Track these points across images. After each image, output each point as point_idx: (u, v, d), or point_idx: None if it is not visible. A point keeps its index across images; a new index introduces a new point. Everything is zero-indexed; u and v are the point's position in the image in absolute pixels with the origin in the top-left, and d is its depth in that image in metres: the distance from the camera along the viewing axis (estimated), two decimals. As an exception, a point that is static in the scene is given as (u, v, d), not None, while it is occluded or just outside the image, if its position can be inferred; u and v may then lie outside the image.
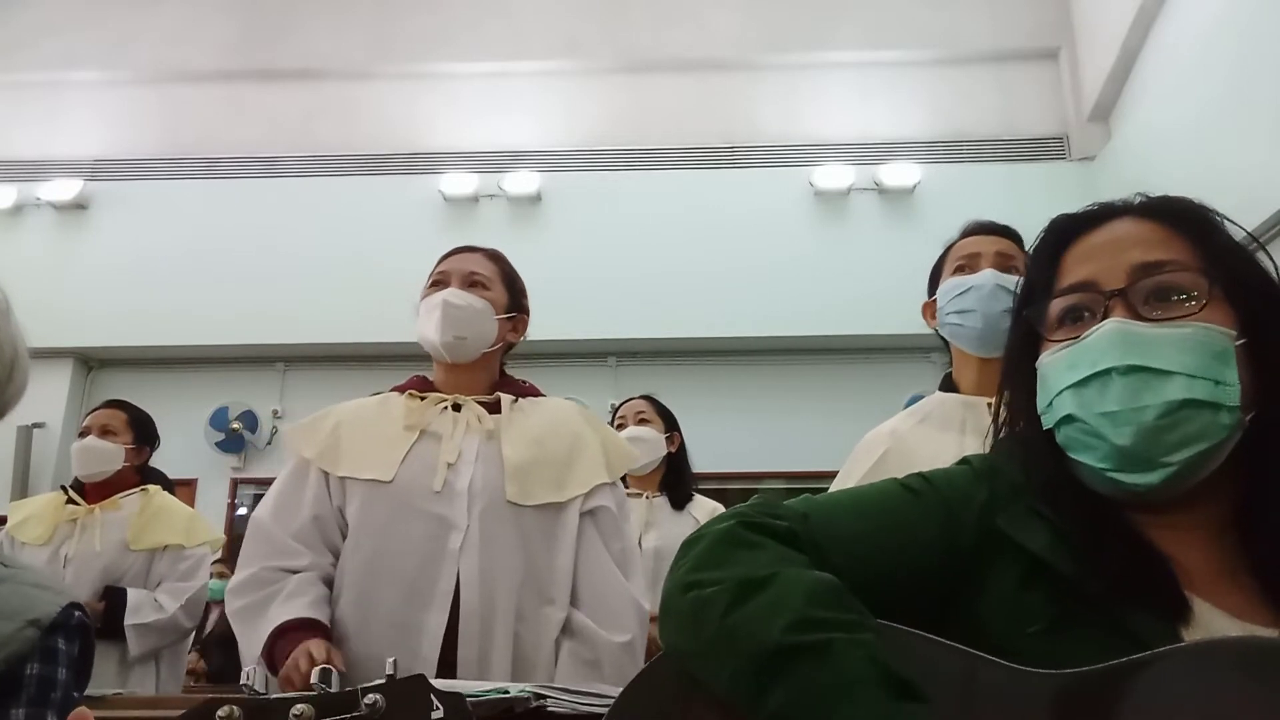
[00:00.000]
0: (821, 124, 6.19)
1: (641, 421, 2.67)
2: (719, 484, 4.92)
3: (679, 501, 2.63)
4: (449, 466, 1.50)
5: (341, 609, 1.45)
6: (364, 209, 5.94)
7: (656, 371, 5.57)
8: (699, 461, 2.83)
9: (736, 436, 5.29)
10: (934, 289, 1.59)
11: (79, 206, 6.08)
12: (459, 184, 5.97)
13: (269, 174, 6.21)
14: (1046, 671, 0.63)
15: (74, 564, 2.53)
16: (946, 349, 1.59)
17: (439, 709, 0.59)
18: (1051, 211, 0.85)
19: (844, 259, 5.69)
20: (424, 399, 1.60)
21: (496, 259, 1.71)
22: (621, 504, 1.63)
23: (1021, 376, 0.81)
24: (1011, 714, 0.62)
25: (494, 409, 1.60)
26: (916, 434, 1.48)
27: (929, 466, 0.82)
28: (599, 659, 1.44)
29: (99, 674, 2.35)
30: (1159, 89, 5.18)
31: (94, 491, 2.67)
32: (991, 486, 0.77)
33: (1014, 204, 2.46)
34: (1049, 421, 0.76)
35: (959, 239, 1.59)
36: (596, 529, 1.55)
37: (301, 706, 0.57)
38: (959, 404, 1.49)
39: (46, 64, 6.43)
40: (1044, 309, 0.79)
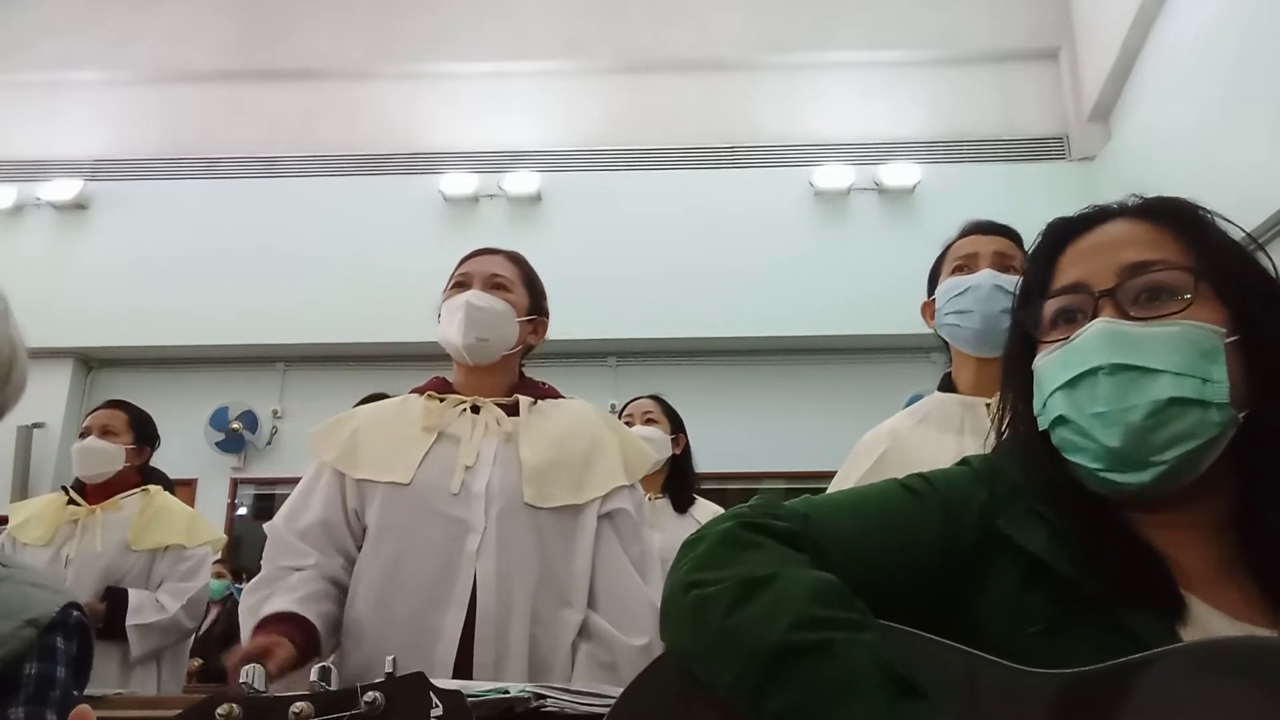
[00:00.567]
0: (821, 124, 6.19)
1: (648, 421, 2.65)
2: (719, 484, 4.92)
3: (681, 505, 2.61)
4: (467, 469, 1.50)
5: (359, 611, 1.45)
6: (364, 209, 5.94)
7: (656, 371, 5.58)
8: (699, 461, 2.82)
9: (736, 436, 5.29)
10: (933, 289, 1.59)
11: (79, 206, 6.08)
12: (459, 184, 5.98)
13: (269, 174, 6.22)
14: (1046, 671, 0.63)
15: (75, 565, 2.53)
16: (946, 349, 1.59)
17: (438, 707, 0.59)
18: (1052, 211, 0.85)
19: (844, 259, 5.69)
20: (443, 401, 1.60)
21: (518, 261, 1.70)
22: (640, 507, 1.62)
23: (1019, 378, 0.81)
24: (1011, 714, 0.63)
25: (512, 411, 1.60)
26: (916, 434, 1.48)
27: (928, 467, 0.82)
28: (616, 662, 1.44)
29: (100, 674, 2.36)
30: (1159, 89, 5.19)
31: (95, 492, 2.67)
32: (991, 487, 0.77)
33: (1014, 204, 2.46)
34: (1044, 423, 0.76)
35: (957, 239, 1.59)
36: (615, 532, 1.55)
37: (300, 704, 0.57)
38: (958, 404, 1.49)
39: (46, 64, 6.43)
40: (1039, 311, 0.79)
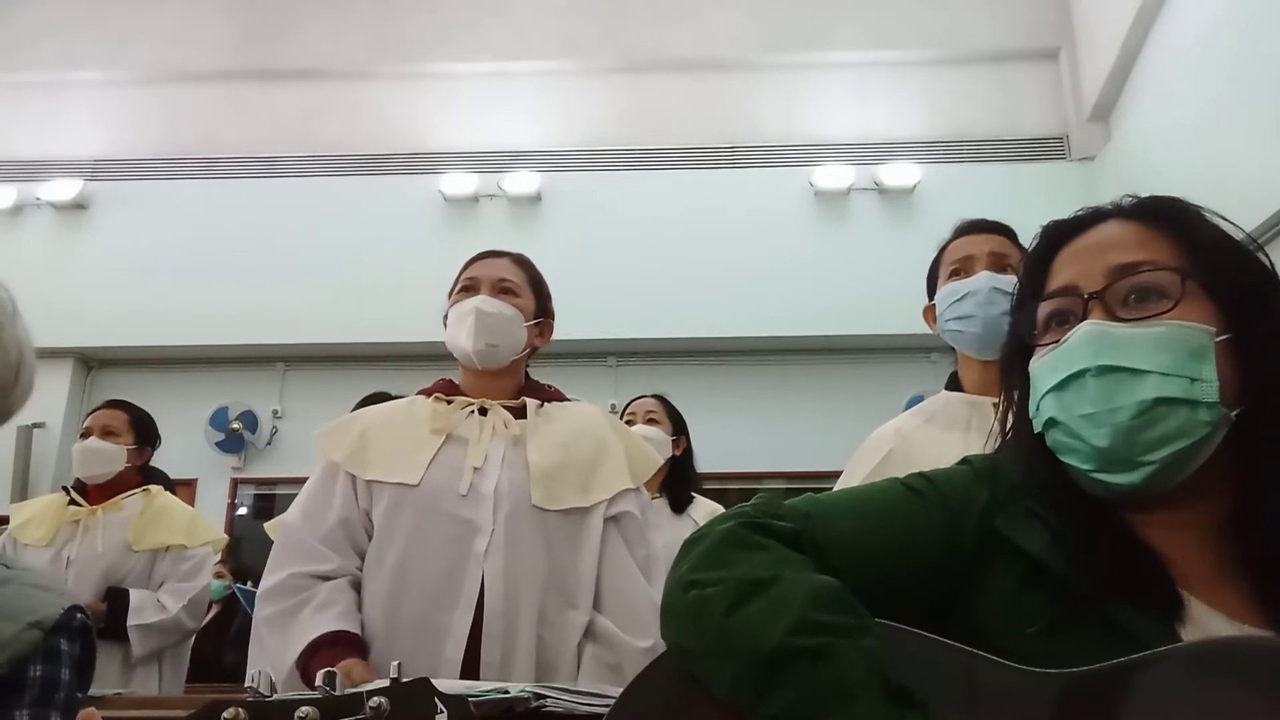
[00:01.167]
0: (821, 124, 6.18)
1: (650, 421, 2.65)
2: (719, 484, 4.91)
3: (679, 505, 2.61)
4: (475, 471, 1.50)
5: (366, 611, 1.45)
6: (364, 209, 5.94)
7: (656, 371, 5.57)
8: (699, 461, 2.82)
9: (737, 436, 5.28)
10: (932, 292, 1.58)
11: (79, 206, 6.07)
12: (459, 184, 5.97)
13: (269, 174, 6.21)
14: (1047, 671, 0.63)
15: (76, 565, 2.53)
16: (951, 349, 1.59)
17: (443, 712, 0.59)
18: (1051, 211, 0.85)
19: (844, 259, 5.68)
20: (450, 403, 1.60)
21: (524, 264, 1.71)
22: (645, 509, 1.63)
23: (1017, 380, 0.82)
24: (1012, 713, 0.63)
25: (519, 413, 1.60)
26: (921, 434, 1.47)
27: (933, 466, 0.82)
28: (621, 663, 1.44)
29: (102, 674, 2.36)
30: (1159, 89, 5.18)
31: (96, 492, 2.67)
32: (992, 487, 0.77)
33: (1014, 204, 2.46)
34: (1038, 425, 0.77)
35: (951, 240, 1.58)
36: (620, 534, 1.56)
37: (306, 709, 0.57)
38: (964, 403, 1.48)
39: (46, 64, 6.42)
40: (1033, 314, 0.80)
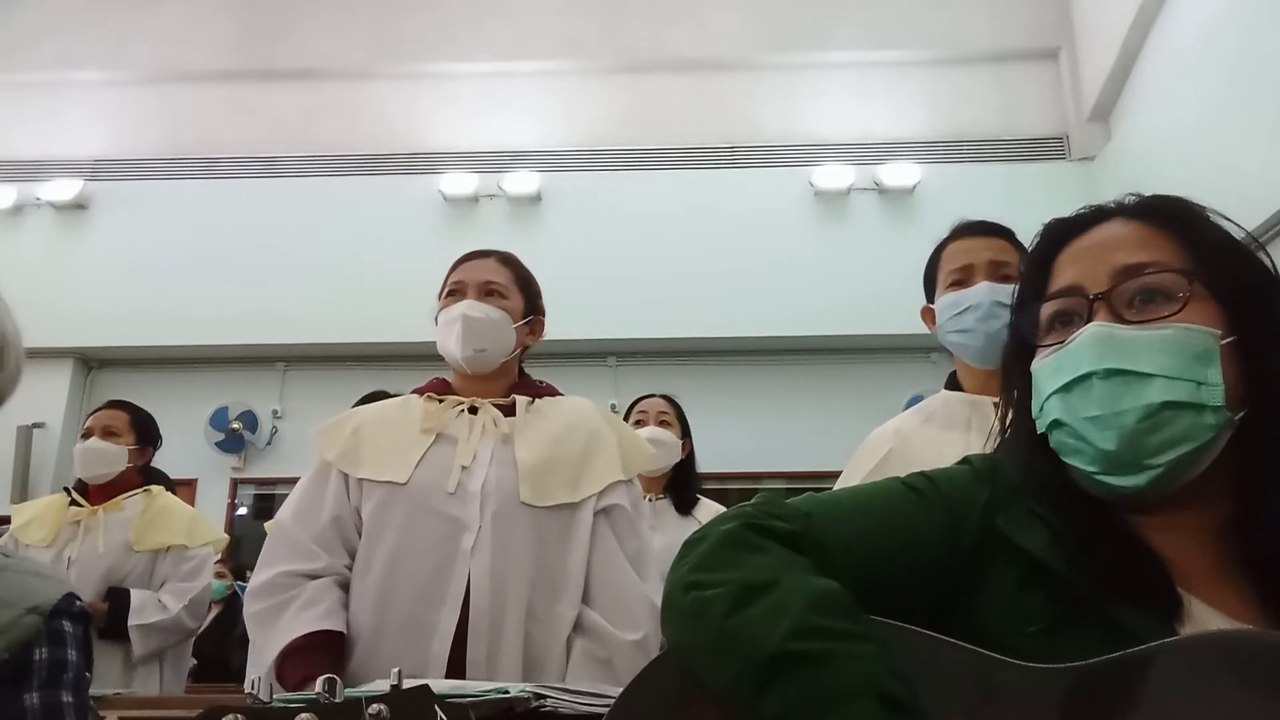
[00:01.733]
0: (821, 124, 6.19)
1: (663, 423, 2.63)
2: (719, 484, 4.92)
3: (683, 506, 2.60)
4: (463, 469, 1.51)
5: (355, 609, 1.46)
6: (364, 209, 5.94)
7: (656, 371, 5.57)
8: (699, 461, 2.82)
9: (737, 436, 5.28)
10: (929, 293, 1.57)
11: (79, 206, 6.08)
12: (459, 184, 5.97)
13: (269, 174, 6.21)
14: (1050, 667, 0.63)
15: (77, 565, 2.54)
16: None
17: (443, 721, 0.59)
18: (1052, 211, 0.85)
19: (844, 259, 5.69)
20: (442, 402, 1.61)
21: (510, 263, 1.70)
22: (637, 502, 1.63)
23: (1018, 381, 0.81)
24: (1016, 711, 0.63)
25: (510, 411, 1.61)
26: (921, 434, 1.47)
27: (933, 466, 0.82)
28: (610, 657, 1.44)
29: (103, 674, 2.36)
30: (1159, 89, 5.18)
31: (97, 493, 2.67)
32: (992, 487, 0.77)
33: (1014, 204, 2.46)
34: (1041, 426, 0.76)
35: (950, 241, 1.55)
36: (611, 527, 1.56)
37: (305, 716, 0.58)
38: (964, 403, 1.47)
39: (46, 64, 6.43)
40: (1035, 314, 0.79)
